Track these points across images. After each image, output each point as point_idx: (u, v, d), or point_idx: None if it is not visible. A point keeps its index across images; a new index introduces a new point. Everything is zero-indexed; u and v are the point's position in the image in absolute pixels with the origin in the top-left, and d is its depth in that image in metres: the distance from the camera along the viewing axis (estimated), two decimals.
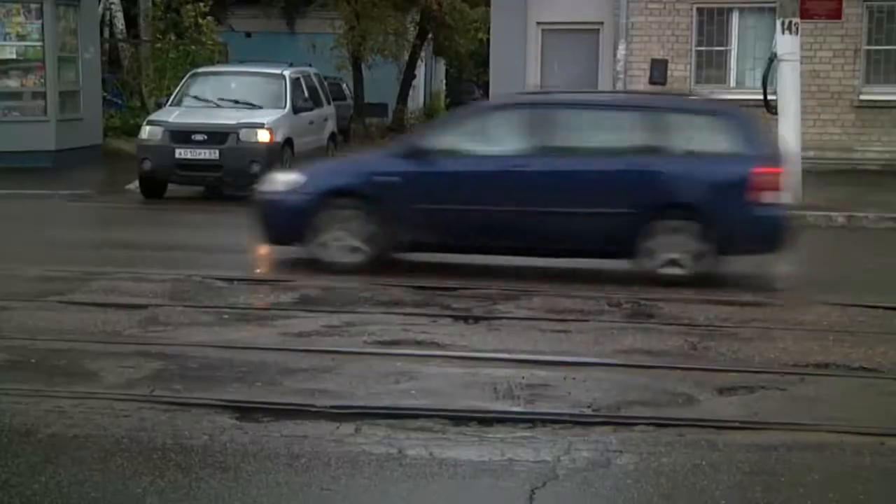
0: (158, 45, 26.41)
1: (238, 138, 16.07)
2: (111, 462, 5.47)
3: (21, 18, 19.84)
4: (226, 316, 8.79)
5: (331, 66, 31.64)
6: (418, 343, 8.01)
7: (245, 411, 6.22)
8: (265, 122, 16.38)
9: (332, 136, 19.14)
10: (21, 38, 19.91)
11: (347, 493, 5.15)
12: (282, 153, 16.38)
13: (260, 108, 16.97)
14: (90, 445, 5.68)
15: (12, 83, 20.00)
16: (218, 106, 17.12)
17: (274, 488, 5.17)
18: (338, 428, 5.98)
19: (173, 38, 26.50)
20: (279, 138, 16.40)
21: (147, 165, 16.29)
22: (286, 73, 17.76)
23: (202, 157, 16.06)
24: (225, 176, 16.30)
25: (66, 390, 6.60)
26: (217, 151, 16.00)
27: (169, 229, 14.39)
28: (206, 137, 16.05)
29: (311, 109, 17.87)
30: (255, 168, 15.70)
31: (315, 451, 5.65)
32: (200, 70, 19.13)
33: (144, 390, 6.66)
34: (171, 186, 16.90)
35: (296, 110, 17.28)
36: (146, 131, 16.52)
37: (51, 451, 5.63)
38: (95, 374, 7.02)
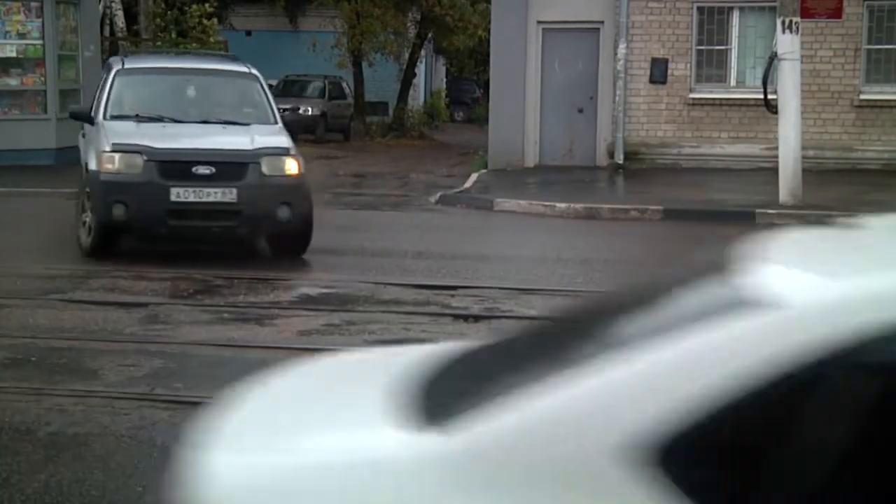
0: (159, 43, 26.42)
1: (260, 170, 11.01)
2: (111, 460, 5.47)
3: (21, 17, 19.86)
4: (226, 314, 8.79)
5: (331, 64, 31.72)
6: (418, 342, 8.00)
7: None
8: (287, 145, 11.53)
9: None
10: (21, 36, 19.93)
11: None
12: (308, 190, 11.55)
13: (245, 123, 11.97)
14: (90, 443, 5.69)
15: (13, 81, 20.02)
16: (184, 120, 11.92)
17: None
18: None
19: (174, 35, 26.53)
20: (304, 169, 11.51)
21: (120, 212, 10.78)
22: (254, 70, 12.72)
23: (212, 199, 10.83)
24: (240, 226, 11.21)
25: (66, 388, 6.61)
26: (234, 191, 10.84)
27: None
28: (213, 170, 10.86)
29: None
30: (285, 213, 11.05)
31: None
32: (130, 65, 12.69)
33: (145, 389, 6.67)
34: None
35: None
36: (116, 161, 10.93)
37: (51, 448, 5.64)
38: (96, 373, 7.03)
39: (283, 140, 11.59)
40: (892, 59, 19.79)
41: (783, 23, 15.27)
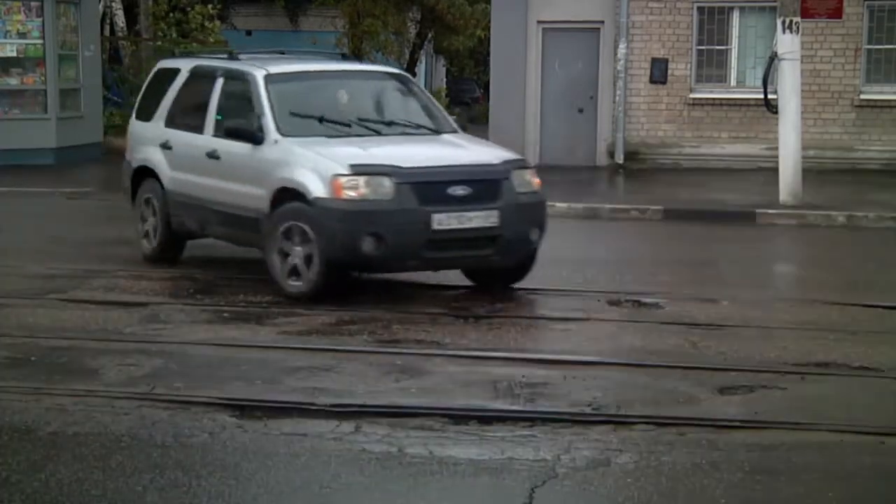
0: (160, 42, 26.41)
1: (513, 188, 9.47)
2: (111, 460, 5.47)
3: (21, 16, 19.85)
4: (226, 314, 8.79)
5: None
6: (418, 342, 8.01)
7: (245, 409, 6.23)
8: (520, 156, 10.42)
9: None
10: (22, 35, 19.91)
11: (347, 492, 5.15)
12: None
13: (437, 131, 10.45)
14: (90, 443, 5.69)
15: (13, 81, 20.01)
16: (378, 133, 10.15)
17: (274, 486, 5.17)
18: (338, 426, 5.99)
19: (174, 35, 26.52)
20: None
21: (370, 246, 8.92)
22: (403, 71, 10.88)
23: (474, 224, 9.19)
24: (497, 253, 9.43)
25: (66, 388, 6.61)
26: (496, 213, 9.25)
27: None
28: (470, 190, 9.21)
29: None
30: (536, 236, 9.67)
31: (315, 449, 5.65)
32: (275, 70, 10.35)
33: (145, 388, 6.67)
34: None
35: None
36: (361, 185, 9.00)
37: (51, 448, 5.64)
38: (95, 372, 7.03)
39: (506, 151, 10.15)
40: (892, 59, 19.79)
41: (783, 23, 15.26)
